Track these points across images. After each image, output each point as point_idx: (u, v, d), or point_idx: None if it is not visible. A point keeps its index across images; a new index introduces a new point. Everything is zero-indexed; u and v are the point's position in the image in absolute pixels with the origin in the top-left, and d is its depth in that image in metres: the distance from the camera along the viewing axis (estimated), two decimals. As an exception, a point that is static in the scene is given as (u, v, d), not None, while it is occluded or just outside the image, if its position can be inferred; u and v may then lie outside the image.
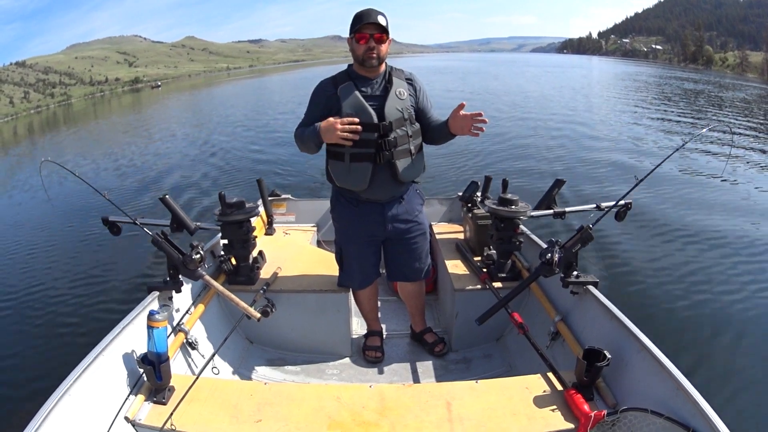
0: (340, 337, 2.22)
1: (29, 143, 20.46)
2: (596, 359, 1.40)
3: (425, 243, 2.11)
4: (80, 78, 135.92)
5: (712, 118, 13.35)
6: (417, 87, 1.92)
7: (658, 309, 3.27)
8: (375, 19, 1.74)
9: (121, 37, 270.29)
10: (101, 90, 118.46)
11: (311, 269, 2.34)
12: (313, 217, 3.21)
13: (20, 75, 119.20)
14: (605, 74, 39.77)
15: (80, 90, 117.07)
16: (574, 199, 5.49)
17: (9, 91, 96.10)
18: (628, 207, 2.05)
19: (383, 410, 1.44)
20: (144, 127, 17.93)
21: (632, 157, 8.03)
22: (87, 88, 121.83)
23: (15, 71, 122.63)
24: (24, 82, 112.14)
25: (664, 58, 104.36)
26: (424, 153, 1.97)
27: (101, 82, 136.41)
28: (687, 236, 4.53)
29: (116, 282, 4.00)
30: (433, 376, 2.11)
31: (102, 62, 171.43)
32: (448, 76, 34.18)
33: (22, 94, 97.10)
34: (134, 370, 1.52)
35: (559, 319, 1.87)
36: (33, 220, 6.31)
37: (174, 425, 1.36)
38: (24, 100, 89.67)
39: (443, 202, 3.16)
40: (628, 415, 1.29)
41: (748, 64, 61.54)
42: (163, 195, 2.05)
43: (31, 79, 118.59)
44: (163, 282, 1.84)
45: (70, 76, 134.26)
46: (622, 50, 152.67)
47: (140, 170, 8.93)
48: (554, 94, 20.25)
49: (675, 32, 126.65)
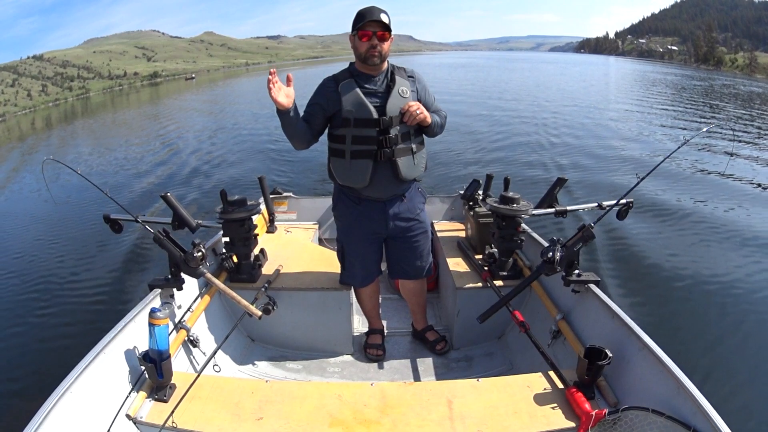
0: (342, 335, 2.23)
1: (43, 136, 20.53)
2: (597, 358, 1.40)
3: (427, 241, 2.11)
4: (98, 72, 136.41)
5: (713, 117, 13.32)
6: (419, 84, 1.92)
7: (659, 308, 3.27)
8: (378, 16, 1.73)
9: (140, 32, 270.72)
10: (120, 84, 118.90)
11: (313, 267, 2.34)
12: (314, 215, 3.21)
13: (38, 68, 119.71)
14: (616, 73, 39.79)
15: (99, 84, 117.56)
16: (576, 197, 5.48)
17: (27, 84, 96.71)
18: (629, 206, 2.04)
19: (384, 408, 1.44)
20: (159, 122, 17.95)
21: (634, 155, 8.02)
22: (105, 82, 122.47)
23: (33, 65, 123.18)
24: (42, 76, 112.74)
25: (679, 58, 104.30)
26: (426, 152, 1.97)
27: (119, 76, 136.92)
28: (688, 235, 4.52)
29: (118, 279, 4.00)
30: (434, 374, 2.11)
31: (120, 57, 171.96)
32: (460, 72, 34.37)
33: (40, 87, 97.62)
34: (136, 368, 1.52)
35: (561, 317, 1.87)
36: (36, 217, 6.32)
37: (175, 423, 1.37)
38: (42, 93, 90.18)
39: (445, 200, 3.16)
40: (629, 413, 1.29)
41: (756, 65, 62.58)
42: (165, 193, 2.06)
43: (49, 72, 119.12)
44: (164, 279, 1.84)
45: (88, 70, 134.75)
46: (639, 50, 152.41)
47: (142, 168, 8.93)
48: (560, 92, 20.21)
49: (690, 33, 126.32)
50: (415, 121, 1.80)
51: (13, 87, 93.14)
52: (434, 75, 32.87)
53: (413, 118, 1.79)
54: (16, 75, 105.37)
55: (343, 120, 1.80)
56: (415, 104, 1.79)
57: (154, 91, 57.13)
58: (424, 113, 1.81)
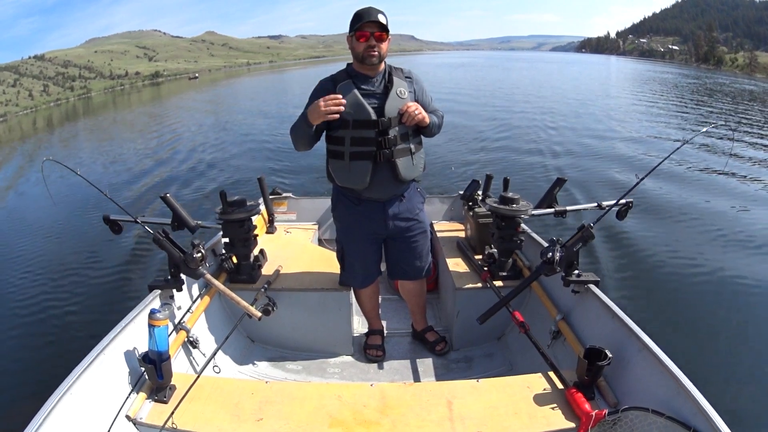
0: (342, 336, 2.23)
1: (44, 137, 20.59)
2: (597, 358, 1.40)
3: (426, 241, 2.11)
4: (100, 72, 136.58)
5: (713, 116, 13.32)
6: (416, 85, 1.92)
7: (659, 308, 3.27)
8: (375, 17, 1.73)
9: (141, 32, 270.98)
10: (121, 84, 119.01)
11: (312, 268, 2.34)
12: (314, 216, 3.21)
13: (39, 68, 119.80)
14: (616, 72, 39.82)
15: (100, 83, 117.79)
16: (576, 197, 5.48)
17: (28, 84, 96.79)
18: (629, 206, 2.04)
19: (384, 409, 1.44)
20: (161, 121, 17.98)
21: (633, 155, 8.02)
22: (107, 82, 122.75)
23: (34, 65, 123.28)
24: (43, 76, 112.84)
25: (680, 58, 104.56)
26: (424, 152, 1.97)
27: (121, 75, 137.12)
28: (688, 235, 4.53)
29: (117, 280, 4.00)
30: (434, 374, 2.11)
31: (121, 56, 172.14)
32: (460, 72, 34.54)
33: (42, 87, 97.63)
34: (135, 369, 1.52)
35: (561, 318, 1.87)
36: (35, 218, 6.32)
37: (175, 424, 1.36)
38: (44, 93, 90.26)
39: (444, 201, 3.16)
40: (629, 414, 1.29)
41: (756, 64, 63.12)
42: (164, 193, 2.06)
43: (50, 72, 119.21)
44: (164, 280, 1.84)
45: (90, 70, 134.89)
46: (640, 50, 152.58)
47: (142, 168, 8.93)
48: (560, 93, 20.21)
49: (691, 33, 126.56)
50: (413, 122, 1.80)
51: (15, 87, 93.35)
52: (435, 75, 32.90)
53: (412, 119, 1.79)
54: (17, 75, 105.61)
55: (341, 122, 1.79)
56: (414, 105, 1.79)
57: (155, 91, 57.66)
58: (423, 114, 1.82)
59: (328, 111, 1.69)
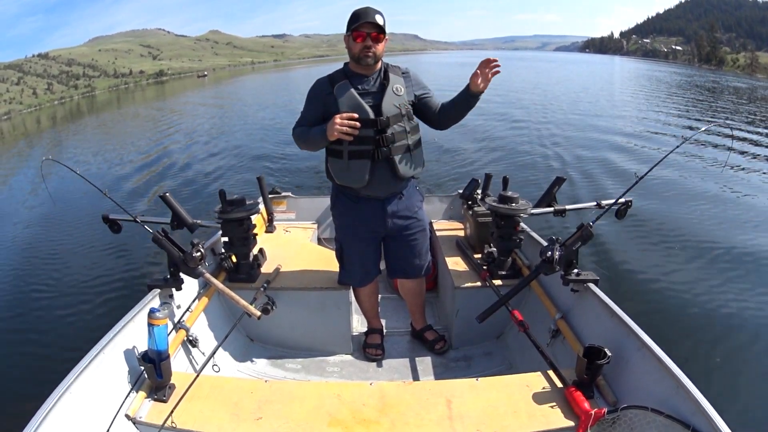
0: (341, 335, 2.23)
1: (46, 135, 20.60)
2: (597, 357, 1.40)
3: (425, 239, 2.11)
4: (104, 70, 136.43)
5: (713, 116, 13.32)
6: (414, 81, 1.92)
7: (658, 307, 3.27)
8: (373, 18, 1.73)
9: (145, 30, 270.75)
10: (125, 82, 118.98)
11: (312, 267, 2.34)
12: (313, 215, 3.21)
13: (43, 67, 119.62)
14: (620, 72, 39.84)
15: (104, 82, 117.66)
16: (575, 196, 5.48)
17: (32, 82, 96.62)
18: (628, 205, 2.04)
19: (383, 408, 1.44)
20: (164, 120, 17.98)
21: (633, 154, 8.02)
22: (111, 80, 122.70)
23: (38, 63, 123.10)
24: (47, 74, 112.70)
25: (683, 58, 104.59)
26: (423, 149, 1.97)
27: (125, 74, 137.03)
28: (687, 234, 4.52)
29: (116, 280, 4.00)
30: (433, 373, 2.11)
31: (125, 55, 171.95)
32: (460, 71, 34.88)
33: (46, 85, 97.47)
34: (135, 368, 1.52)
35: (560, 316, 1.87)
36: (35, 217, 6.32)
37: (174, 423, 1.36)
38: (47, 92, 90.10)
39: (443, 200, 3.16)
40: (628, 413, 1.29)
41: (757, 64, 63.56)
42: (164, 193, 2.06)
43: (54, 70, 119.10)
44: (163, 280, 1.84)
45: (94, 68, 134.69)
46: (643, 50, 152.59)
47: (142, 168, 8.92)
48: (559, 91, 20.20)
49: (694, 33, 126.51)
50: (490, 79, 1.74)
51: (19, 85, 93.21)
52: (438, 73, 32.87)
53: (490, 75, 1.73)
54: (21, 73, 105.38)
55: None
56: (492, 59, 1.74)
57: (160, 89, 57.76)
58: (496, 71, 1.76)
59: (342, 131, 1.70)
